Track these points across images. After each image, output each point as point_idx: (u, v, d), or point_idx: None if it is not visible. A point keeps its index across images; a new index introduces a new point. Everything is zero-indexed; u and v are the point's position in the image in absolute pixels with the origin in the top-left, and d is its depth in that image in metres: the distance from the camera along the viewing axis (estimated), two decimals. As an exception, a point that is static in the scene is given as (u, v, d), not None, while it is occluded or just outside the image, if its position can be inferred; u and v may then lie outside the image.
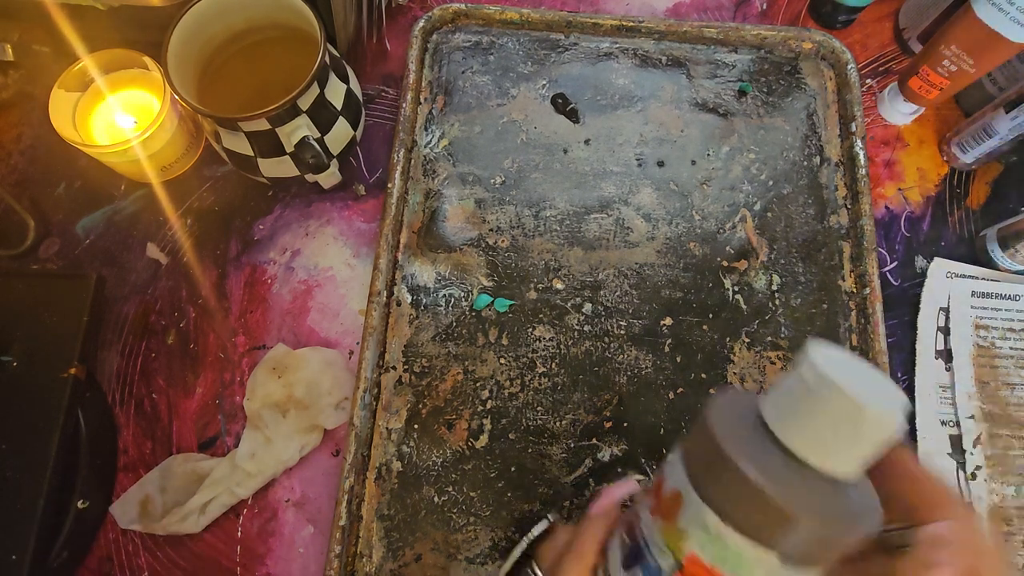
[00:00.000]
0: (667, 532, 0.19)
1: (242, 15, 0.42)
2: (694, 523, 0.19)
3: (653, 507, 0.20)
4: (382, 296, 0.42)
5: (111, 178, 0.47)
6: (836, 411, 0.17)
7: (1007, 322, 0.43)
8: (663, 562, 0.19)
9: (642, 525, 0.20)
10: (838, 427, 0.17)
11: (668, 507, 0.19)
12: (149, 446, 0.42)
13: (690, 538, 0.19)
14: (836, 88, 0.48)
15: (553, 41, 0.50)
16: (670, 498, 0.19)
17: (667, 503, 0.19)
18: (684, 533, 0.19)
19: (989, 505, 0.40)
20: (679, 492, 0.19)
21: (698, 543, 0.18)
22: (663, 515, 0.19)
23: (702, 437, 0.19)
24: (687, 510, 0.19)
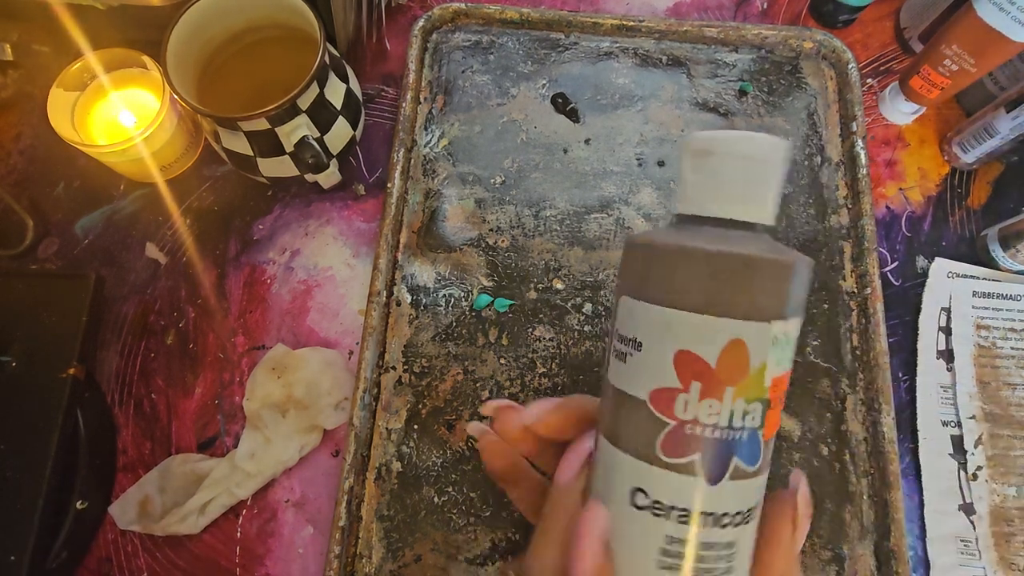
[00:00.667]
0: (745, 388, 0.17)
1: (241, 15, 0.42)
2: (764, 350, 0.17)
3: (706, 388, 0.17)
4: (382, 296, 0.42)
5: (110, 178, 0.47)
6: (736, 156, 0.18)
7: (1008, 322, 0.43)
8: (753, 421, 0.18)
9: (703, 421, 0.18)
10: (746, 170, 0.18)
11: (731, 365, 0.17)
12: (148, 446, 0.42)
13: (768, 366, 0.17)
14: (837, 88, 0.48)
15: (553, 40, 0.50)
16: (729, 353, 0.17)
17: (728, 362, 0.17)
18: (762, 369, 0.17)
19: (990, 505, 0.40)
20: (737, 340, 0.17)
21: (774, 362, 0.18)
22: (730, 379, 0.17)
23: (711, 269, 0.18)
24: (753, 347, 0.17)
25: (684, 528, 0.18)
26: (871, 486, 0.39)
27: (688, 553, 0.18)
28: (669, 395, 0.18)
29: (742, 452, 0.18)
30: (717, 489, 0.18)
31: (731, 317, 0.17)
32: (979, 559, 0.39)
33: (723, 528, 0.18)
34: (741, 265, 0.17)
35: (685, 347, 0.18)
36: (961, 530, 0.39)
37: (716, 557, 0.18)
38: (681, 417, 0.18)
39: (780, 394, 0.18)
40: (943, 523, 0.40)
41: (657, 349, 0.18)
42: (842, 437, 0.40)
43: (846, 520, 0.39)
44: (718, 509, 0.18)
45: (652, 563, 0.18)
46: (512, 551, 0.38)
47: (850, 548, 0.38)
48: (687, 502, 0.18)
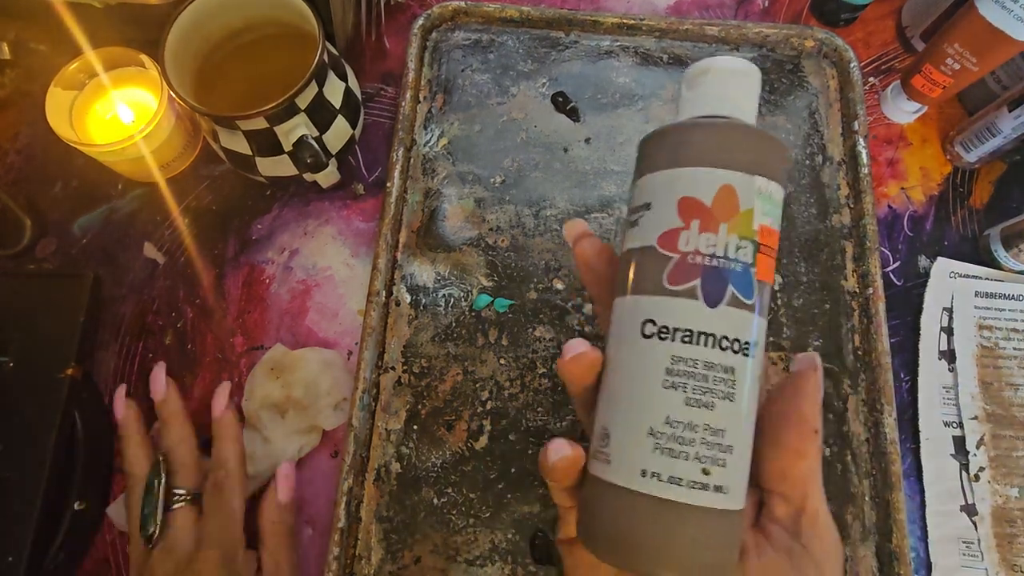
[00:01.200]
0: (736, 224, 0.21)
1: (240, 13, 0.42)
2: (752, 197, 0.21)
3: (704, 224, 0.21)
4: (381, 296, 0.42)
5: (108, 177, 0.47)
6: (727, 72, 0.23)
7: (1011, 322, 0.43)
8: (745, 255, 0.21)
9: (702, 250, 0.21)
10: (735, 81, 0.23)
11: (725, 205, 0.21)
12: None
13: (755, 212, 0.21)
14: (838, 86, 0.48)
15: (553, 39, 0.50)
16: (722, 196, 0.21)
17: (721, 203, 0.21)
18: (750, 212, 0.21)
19: (992, 507, 0.39)
20: (728, 185, 0.21)
21: (761, 211, 0.21)
22: (724, 215, 0.21)
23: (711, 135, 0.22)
24: (742, 192, 0.21)
25: (687, 347, 0.20)
26: (873, 487, 0.39)
27: (690, 371, 0.20)
28: (673, 234, 0.21)
29: (736, 282, 0.20)
30: (716, 312, 0.20)
31: (723, 168, 0.21)
32: (981, 560, 0.39)
33: (723, 351, 0.20)
34: (731, 129, 0.22)
35: (686, 193, 0.21)
36: (963, 531, 0.39)
37: (716, 379, 0.20)
38: (683, 249, 0.21)
39: (770, 245, 0.21)
40: (945, 524, 0.39)
41: (664, 201, 0.22)
42: (844, 438, 0.40)
43: (848, 521, 0.38)
44: (717, 331, 0.20)
45: (658, 383, 0.20)
46: (512, 551, 0.38)
47: (852, 549, 0.38)
48: (690, 323, 0.20)
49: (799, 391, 0.22)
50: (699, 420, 0.20)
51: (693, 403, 0.20)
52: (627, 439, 0.21)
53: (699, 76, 0.23)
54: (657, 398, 0.20)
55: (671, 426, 0.20)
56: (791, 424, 0.22)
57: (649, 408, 0.20)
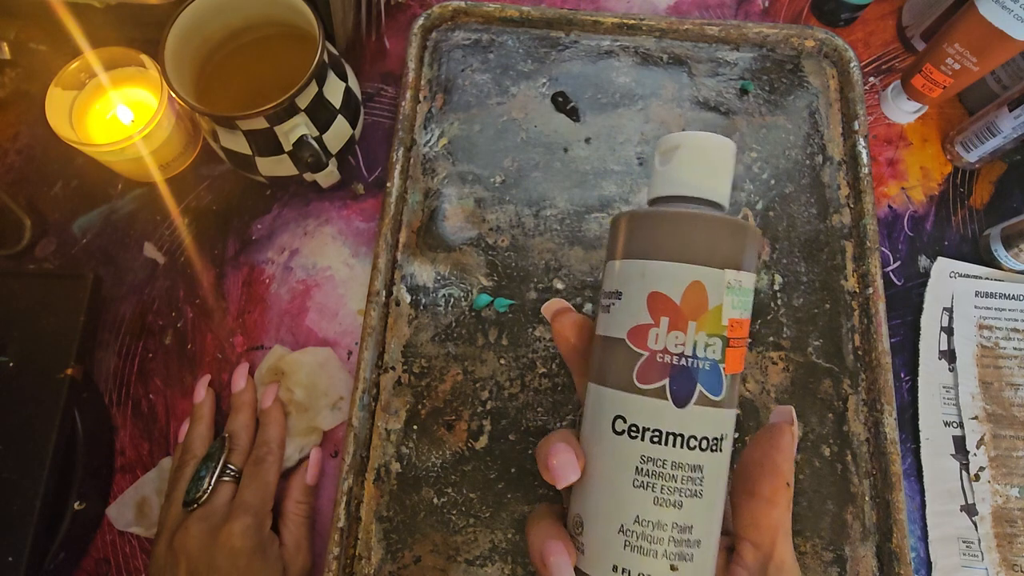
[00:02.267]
0: (705, 322, 0.21)
1: (240, 13, 0.42)
2: (722, 292, 0.21)
3: (673, 322, 0.21)
4: (381, 296, 0.42)
5: (108, 177, 0.47)
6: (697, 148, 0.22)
7: (1011, 322, 0.43)
8: (714, 353, 0.21)
9: (671, 350, 0.21)
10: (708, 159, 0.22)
11: (693, 302, 0.21)
12: (146, 447, 0.42)
13: (724, 307, 0.21)
14: (839, 86, 0.48)
15: (553, 39, 0.50)
16: (691, 293, 0.21)
17: (690, 300, 0.21)
18: (719, 308, 0.21)
19: (993, 506, 0.39)
20: (697, 281, 0.21)
21: (731, 305, 0.21)
22: (692, 314, 0.21)
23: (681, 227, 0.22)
24: (711, 287, 0.21)
25: (655, 447, 0.20)
26: (873, 487, 0.39)
27: (658, 471, 0.20)
28: (643, 330, 0.21)
29: (705, 380, 0.21)
30: (684, 412, 0.20)
31: (692, 263, 0.21)
32: (981, 560, 0.39)
33: (690, 450, 0.20)
34: (701, 222, 0.21)
35: (656, 288, 0.21)
36: (963, 531, 0.39)
37: (684, 478, 0.20)
38: (653, 347, 0.21)
39: (740, 336, 0.22)
40: (945, 524, 0.39)
41: (634, 294, 0.22)
42: (844, 438, 0.40)
43: (848, 521, 0.38)
44: (685, 431, 0.20)
45: (628, 482, 0.21)
46: (512, 551, 0.38)
47: (852, 549, 0.38)
48: (658, 423, 0.21)
49: (774, 444, 0.23)
50: (667, 519, 0.20)
51: (661, 502, 0.20)
52: (599, 534, 0.21)
53: (672, 151, 0.23)
54: (627, 496, 0.21)
55: (640, 524, 0.20)
56: (765, 475, 0.23)
57: (620, 506, 0.21)
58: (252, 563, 0.34)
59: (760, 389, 0.41)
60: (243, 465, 0.38)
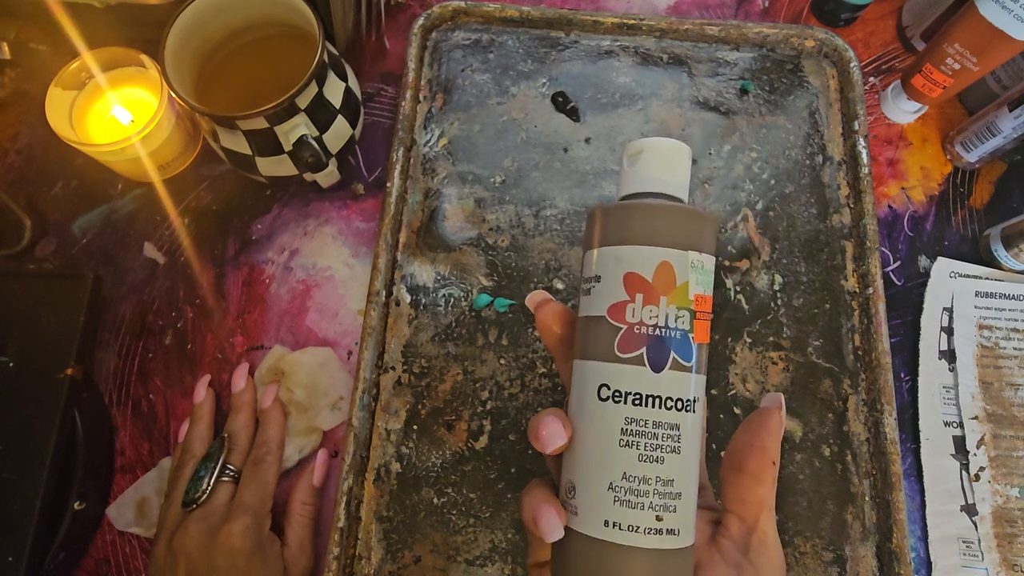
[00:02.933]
0: (674, 297, 0.23)
1: (240, 13, 0.42)
2: (687, 270, 0.23)
3: (647, 297, 0.23)
4: (381, 296, 0.42)
5: (108, 177, 0.47)
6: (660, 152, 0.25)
7: (1011, 322, 0.43)
8: (684, 323, 0.23)
9: (646, 322, 0.23)
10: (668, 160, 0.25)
11: (663, 280, 0.23)
12: (146, 447, 0.42)
13: (690, 284, 0.23)
14: (839, 86, 0.48)
15: (553, 39, 0.50)
16: (660, 271, 0.23)
17: (660, 278, 0.23)
18: (686, 285, 0.23)
19: (993, 506, 0.39)
20: (665, 261, 0.23)
21: (696, 282, 0.23)
22: (663, 289, 0.23)
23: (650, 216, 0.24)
24: (678, 267, 0.23)
25: (637, 409, 0.23)
26: (873, 487, 0.39)
27: (641, 430, 0.23)
28: (621, 307, 0.24)
29: (677, 348, 0.23)
30: (661, 376, 0.23)
31: (661, 246, 0.24)
32: (982, 560, 0.39)
33: (668, 410, 0.23)
34: (666, 212, 0.24)
35: (630, 269, 0.24)
36: (963, 531, 0.39)
37: (664, 435, 0.23)
38: (630, 321, 0.23)
39: (705, 310, 0.24)
40: (945, 524, 0.39)
41: (611, 276, 0.24)
42: (844, 438, 0.40)
43: (848, 521, 0.38)
44: (663, 393, 0.23)
45: (614, 442, 0.23)
46: (512, 551, 0.38)
47: (852, 549, 0.38)
48: (639, 387, 0.23)
49: (763, 426, 0.25)
50: (652, 474, 0.23)
51: (645, 459, 0.23)
52: (591, 493, 0.23)
53: (636, 155, 0.26)
54: (615, 455, 0.23)
55: (628, 480, 0.23)
56: (753, 453, 0.25)
57: (608, 465, 0.23)
58: (251, 563, 0.34)
59: (760, 389, 0.41)
60: (242, 465, 0.38)
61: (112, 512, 0.40)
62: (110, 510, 0.40)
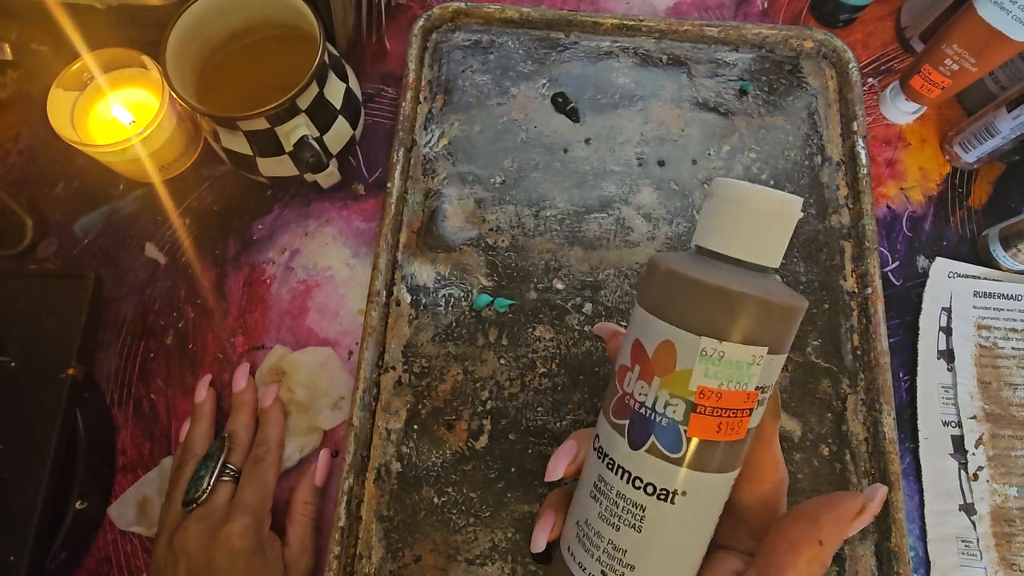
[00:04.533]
0: (670, 383, 0.21)
1: (241, 14, 0.42)
2: (693, 358, 0.20)
3: (643, 373, 0.21)
4: (381, 296, 0.42)
5: (109, 177, 0.47)
6: (752, 206, 0.21)
7: (1009, 322, 0.43)
8: (675, 413, 0.21)
9: (636, 396, 0.22)
10: (756, 220, 0.21)
11: (662, 360, 0.21)
12: (147, 447, 0.42)
13: (695, 373, 0.20)
14: (837, 87, 0.48)
15: (553, 40, 0.50)
16: (661, 350, 0.21)
17: (659, 357, 0.21)
18: (688, 372, 0.20)
19: (991, 506, 0.40)
20: (668, 340, 0.21)
21: (703, 373, 0.20)
22: (659, 371, 0.21)
23: (671, 284, 0.21)
24: (682, 351, 0.20)
25: (609, 474, 0.22)
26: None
27: (606, 492, 0.22)
28: (624, 370, 0.23)
29: (660, 435, 0.21)
30: (636, 454, 0.22)
31: (667, 322, 0.21)
32: (980, 559, 0.39)
33: (635, 488, 0.22)
34: (688, 285, 0.21)
35: (639, 337, 0.22)
36: (962, 530, 0.39)
37: (625, 508, 0.22)
38: (625, 389, 0.22)
39: (717, 407, 0.21)
40: (944, 523, 0.40)
41: (628, 335, 0.23)
42: (843, 437, 0.40)
43: (847, 520, 0.38)
44: (633, 471, 0.22)
45: (588, 491, 0.23)
46: (512, 551, 0.38)
47: (851, 548, 0.38)
48: (614, 454, 0.22)
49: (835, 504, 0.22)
50: (605, 533, 0.22)
51: (603, 518, 0.22)
52: (570, 518, 0.24)
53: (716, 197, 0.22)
54: (585, 500, 0.23)
55: (588, 527, 0.23)
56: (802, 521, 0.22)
57: (581, 505, 0.24)
58: (252, 563, 0.34)
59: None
60: (243, 465, 0.38)
61: (113, 511, 0.40)
62: (111, 509, 0.40)
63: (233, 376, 0.41)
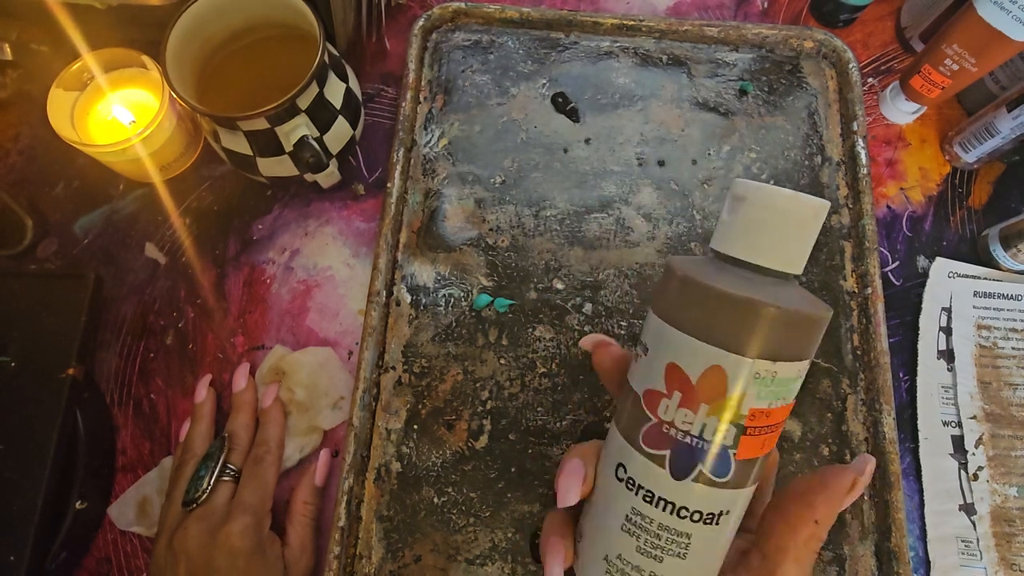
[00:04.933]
0: (720, 409, 0.19)
1: (241, 14, 0.42)
2: (746, 382, 0.19)
3: (686, 400, 0.20)
4: (381, 296, 0.42)
5: (109, 178, 0.47)
6: (782, 211, 0.20)
7: (1009, 322, 0.43)
8: (725, 439, 0.20)
9: (678, 426, 0.20)
10: (787, 225, 0.20)
11: (710, 386, 0.19)
12: (147, 447, 0.42)
13: (747, 397, 0.19)
14: (837, 87, 0.48)
15: (553, 40, 0.50)
16: (709, 376, 0.19)
17: (707, 384, 0.19)
18: (739, 397, 0.19)
19: (991, 506, 0.40)
20: (717, 366, 0.19)
21: (756, 395, 0.19)
22: (707, 397, 0.19)
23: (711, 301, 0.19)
24: (733, 375, 0.19)
25: (647, 507, 0.21)
26: (872, 486, 0.39)
27: (645, 526, 0.21)
28: (656, 396, 0.21)
29: (708, 463, 0.20)
30: (681, 485, 0.20)
31: (716, 346, 0.19)
32: (980, 559, 0.39)
33: (681, 519, 0.20)
34: (739, 305, 0.19)
35: (675, 360, 0.20)
36: (962, 530, 0.39)
37: (669, 539, 0.21)
38: (661, 417, 0.21)
39: (763, 425, 0.20)
40: (944, 523, 0.40)
41: (656, 356, 0.21)
42: (843, 437, 0.40)
43: (846, 520, 0.38)
44: (678, 501, 0.20)
45: (618, 523, 0.21)
46: (512, 551, 0.38)
47: (851, 548, 0.38)
48: (653, 485, 0.21)
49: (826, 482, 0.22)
50: (646, 567, 0.21)
51: (643, 552, 0.21)
52: (589, 554, 0.22)
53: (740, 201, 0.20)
54: (615, 535, 0.21)
55: (622, 562, 0.21)
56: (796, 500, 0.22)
57: (608, 539, 0.22)
58: (252, 563, 0.34)
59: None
60: (243, 464, 0.38)
61: (113, 511, 0.40)
62: (111, 509, 0.40)
63: (233, 376, 0.41)
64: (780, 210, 0.20)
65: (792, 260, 0.20)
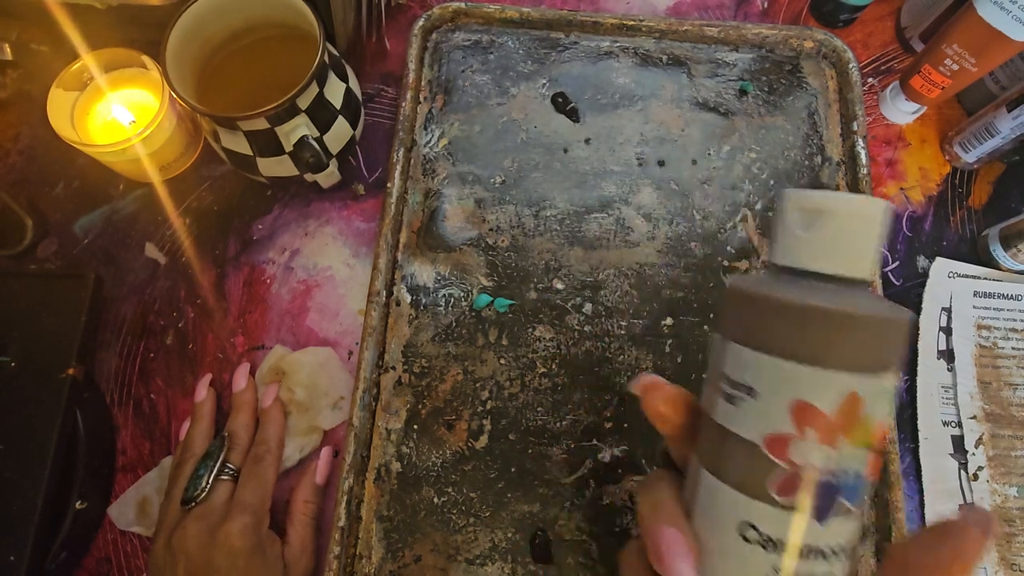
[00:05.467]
0: (855, 436, 0.19)
1: (241, 14, 0.42)
2: (877, 400, 0.19)
3: (823, 436, 0.19)
4: (381, 296, 0.42)
5: (109, 178, 0.47)
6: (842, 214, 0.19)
7: (1009, 322, 0.43)
8: (859, 466, 0.19)
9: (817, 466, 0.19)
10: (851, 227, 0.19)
11: (847, 415, 0.18)
12: (147, 447, 0.42)
13: (876, 415, 0.19)
14: (837, 87, 0.48)
15: (553, 40, 0.50)
16: (847, 406, 0.18)
17: (845, 413, 0.18)
18: (870, 418, 0.19)
19: (991, 506, 0.40)
20: (854, 393, 0.18)
21: (883, 414, 0.19)
22: (845, 428, 0.18)
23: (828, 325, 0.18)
24: (868, 399, 0.19)
25: (791, 561, 0.19)
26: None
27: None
28: (784, 441, 0.19)
29: (848, 492, 0.19)
30: (823, 525, 0.19)
31: (850, 371, 0.18)
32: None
33: (825, 560, 0.19)
34: (857, 323, 0.18)
35: (803, 397, 0.19)
36: (962, 530, 0.39)
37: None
38: (796, 461, 0.19)
39: (883, 439, 0.20)
40: (944, 523, 0.40)
41: (772, 397, 0.19)
42: (843, 437, 0.40)
43: (847, 520, 0.38)
44: (823, 543, 0.19)
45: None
46: (512, 551, 0.38)
47: (851, 548, 0.38)
48: (797, 538, 0.19)
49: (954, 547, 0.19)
50: None
51: None
52: None
53: (815, 215, 0.19)
54: None
55: None
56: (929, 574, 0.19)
57: None
58: (251, 563, 0.34)
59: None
60: (242, 464, 0.38)
61: (113, 511, 0.40)
62: (111, 509, 0.40)
63: (233, 376, 0.41)
64: (864, 216, 0.19)
65: (872, 266, 0.20)
